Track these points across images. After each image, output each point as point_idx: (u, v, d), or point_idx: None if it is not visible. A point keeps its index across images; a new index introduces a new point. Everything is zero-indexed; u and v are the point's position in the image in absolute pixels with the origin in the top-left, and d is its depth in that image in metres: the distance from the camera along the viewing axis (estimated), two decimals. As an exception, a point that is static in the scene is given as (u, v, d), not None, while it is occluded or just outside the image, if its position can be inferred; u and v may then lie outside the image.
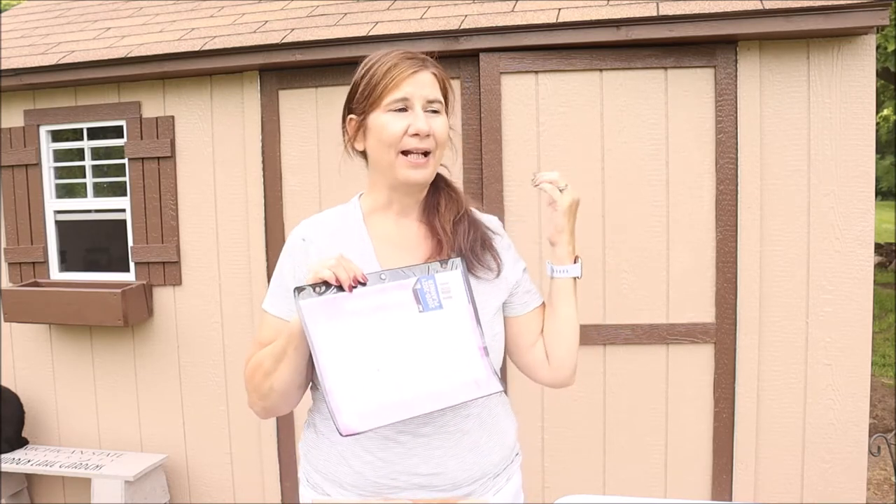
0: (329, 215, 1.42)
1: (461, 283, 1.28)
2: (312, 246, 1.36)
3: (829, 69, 2.73)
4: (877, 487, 3.84)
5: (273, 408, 1.35)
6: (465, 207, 1.38)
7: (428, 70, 1.31)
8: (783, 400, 2.86)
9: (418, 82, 1.29)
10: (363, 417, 1.17)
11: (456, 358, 1.24)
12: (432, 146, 1.30)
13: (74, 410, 3.56)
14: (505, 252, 1.43)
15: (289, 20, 3.21)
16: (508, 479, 1.42)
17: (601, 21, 2.71)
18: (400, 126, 1.28)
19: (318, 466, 1.39)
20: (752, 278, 2.82)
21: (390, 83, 1.28)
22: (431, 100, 1.30)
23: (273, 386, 1.29)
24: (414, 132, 1.27)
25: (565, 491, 2.92)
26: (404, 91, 1.28)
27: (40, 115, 3.44)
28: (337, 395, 1.17)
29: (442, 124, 1.31)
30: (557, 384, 1.47)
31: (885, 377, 5.81)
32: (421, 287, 1.25)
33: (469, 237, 1.35)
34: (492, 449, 1.38)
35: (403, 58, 1.30)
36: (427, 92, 1.30)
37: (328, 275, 1.18)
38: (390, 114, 1.29)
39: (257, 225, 3.23)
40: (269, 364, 1.28)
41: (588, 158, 2.90)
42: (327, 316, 1.18)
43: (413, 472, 1.31)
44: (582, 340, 3.10)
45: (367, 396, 1.18)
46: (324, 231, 1.38)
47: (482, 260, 1.35)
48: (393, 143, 1.29)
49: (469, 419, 1.35)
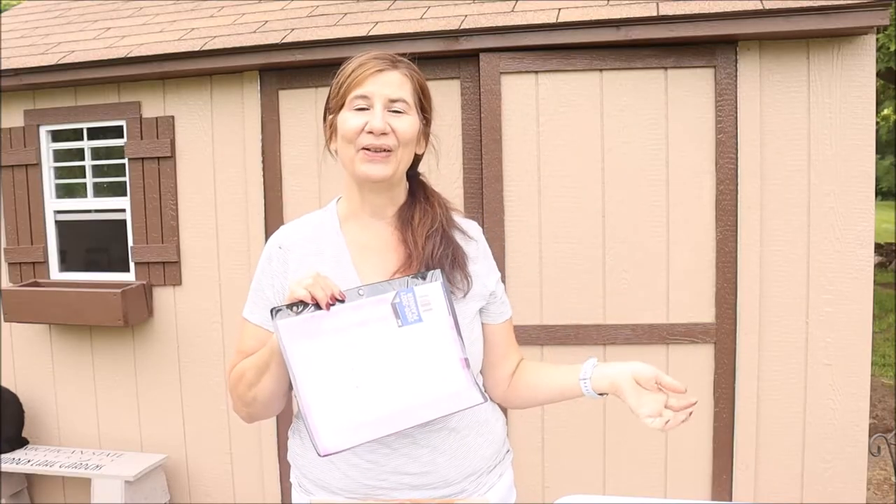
0: (306, 222, 1.42)
1: (441, 295, 1.27)
2: (290, 254, 1.36)
3: (829, 69, 2.73)
4: (877, 487, 3.84)
5: (257, 414, 1.36)
6: (439, 221, 1.36)
7: (396, 70, 1.30)
8: (783, 400, 2.86)
9: (381, 81, 1.28)
10: (341, 436, 1.17)
11: (436, 371, 1.23)
12: (392, 144, 1.28)
13: (74, 410, 3.56)
14: (481, 261, 1.41)
15: (289, 20, 3.20)
16: (501, 475, 1.43)
17: (601, 21, 2.71)
18: (357, 122, 1.28)
19: (307, 473, 1.39)
20: (752, 278, 2.82)
21: (353, 81, 1.29)
22: (394, 99, 1.28)
23: (256, 396, 1.30)
24: (369, 129, 1.27)
25: (565, 491, 2.92)
26: (366, 89, 1.28)
27: (40, 115, 3.44)
28: (315, 416, 1.17)
29: (405, 123, 1.29)
30: (501, 403, 1.50)
31: (885, 377, 5.81)
32: (400, 301, 1.24)
33: (439, 253, 1.33)
34: (481, 445, 1.38)
35: (371, 57, 1.30)
36: (389, 91, 1.28)
37: (304, 294, 1.17)
38: (351, 111, 1.29)
39: (257, 225, 3.23)
40: (251, 375, 1.29)
41: (588, 158, 2.90)
42: (305, 335, 1.17)
43: (402, 472, 1.31)
44: (582, 340, 3.10)
45: (346, 415, 1.18)
46: (300, 238, 1.38)
47: (451, 279, 1.33)
48: (351, 139, 1.29)
49: (453, 417, 1.34)
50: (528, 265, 2.95)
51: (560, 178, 2.92)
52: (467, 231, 1.42)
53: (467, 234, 1.41)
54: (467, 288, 1.35)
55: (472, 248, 1.40)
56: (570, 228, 2.93)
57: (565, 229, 2.93)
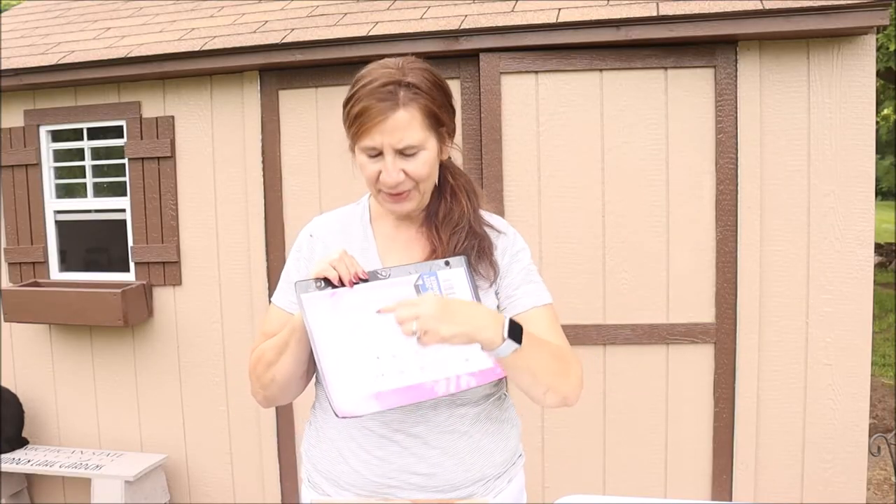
0: (338, 214, 1.46)
1: (465, 279, 1.29)
2: (319, 243, 1.39)
3: (829, 69, 2.73)
4: (877, 487, 3.84)
5: (273, 398, 1.37)
6: (466, 217, 1.36)
7: (400, 109, 1.23)
8: (783, 400, 2.86)
9: (388, 129, 1.23)
10: (360, 402, 1.20)
11: (457, 350, 1.24)
12: (409, 187, 1.29)
13: (74, 410, 3.56)
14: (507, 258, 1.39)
15: (289, 20, 3.20)
16: (510, 480, 1.41)
17: (601, 21, 2.71)
18: (373, 170, 1.28)
19: (318, 465, 1.40)
20: (752, 278, 2.82)
21: (360, 130, 1.25)
22: (401, 148, 1.25)
23: (274, 377, 1.32)
24: (382, 184, 1.28)
25: (565, 491, 2.92)
26: (374, 140, 1.25)
27: (40, 115, 3.44)
28: (334, 378, 1.19)
29: (418, 164, 1.27)
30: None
31: (885, 377, 5.81)
32: (423, 283, 1.26)
33: (463, 247, 1.33)
34: (493, 451, 1.37)
35: (375, 99, 1.23)
36: (396, 139, 1.24)
37: (330, 271, 1.20)
38: (365, 156, 1.28)
39: (257, 225, 3.23)
40: (271, 355, 1.31)
41: (588, 158, 2.90)
42: (328, 309, 1.20)
43: (409, 471, 1.31)
44: (582, 340, 3.10)
45: (366, 382, 1.20)
46: (331, 229, 1.42)
47: (476, 269, 1.34)
48: (370, 183, 1.31)
49: (465, 419, 1.34)
50: (528, 265, 2.94)
51: (560, 178, 2.92)
52: (495, 226, 1.41)
53: (495, 229, 1.41)
54: (494, 276, 1.36)
55: (501, 241, 1.40)
56: (570, 228, 2.93)
57: (565, 229, 2.93)
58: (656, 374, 2.93)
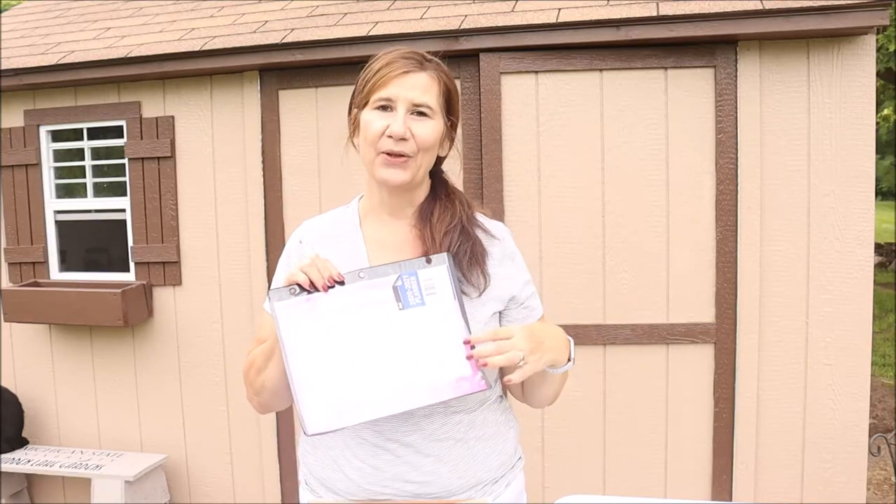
0: (327, 218, 1.43)
1: (447, 278, 1.23)
2: (308, 248, 1.36)
3: (829, 69, 2.73)
4: (877, 487, 3.84)
5: (267, 404, 1.37)
6: (458, 218, 1.34)
7: (423, 72, 1.28)
8: (783, 400, 2.86)
9: (407, 84, 1.26)
10: (333, 416, 1.16)
11: (438, 356, 1.20)
12: (411, 150, 1.27)
13: (74, 410, 3.56)
14: (506, 264, 1.37)
15: (289, 20, 3.21)
16: (508, 484, 1.39)
17: (601, 21, 2.71)
18: (380, 125, 1.26)
19: (314, 471, 1.39)
20: (752, 278, 2.82)
21: (378, 81, 1.26)
22: (418, 104, 1.26)
23: (264, 383, 1.32)
24: (389, 133, 1.25)
25: (565, 491, 2.92)
26: (390, 91, 1.26)
27: (40, 115, 3.44)
28: (304, 395, 1.17)
29: (427, 128, 1.27)
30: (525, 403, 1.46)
31: (885, 377, 5.81)
32: (402, 284, 1.21)
33: (455, 249, 1.30)
34: (488, 456, 1.35)
35: (399, 56, 1.28)
36: (414, 95, 1.26)
37: (301, 277, 1.18)
38: (375, 112, 1.27)
39: (257, 225, 3.23)
40: (260, 362, 1.31)
41: (588, 158, 2.90)
42: (302, 316, 1.17)
43: (403, 479, 1.30)
44: (582, 340, 3.10)
45: (339, 395, 1.17)
46: (323, 233, 1.40)
47: (467, 276, 1.30)
48: (372, 141, 1.27)
49: (460, 426, 1.32)
50: (527, 265, 2.94)
51: (560, 178, 2.92)
52: (491, 230, 1.37)
53: (490, 234, 1.37)
54: (483, 286, 1.32)
55: (495, 247, 1.36)
56: (570, 228, 2.93)
57: (565, 229, 2.93)
58: (656, 374, 2.93)
